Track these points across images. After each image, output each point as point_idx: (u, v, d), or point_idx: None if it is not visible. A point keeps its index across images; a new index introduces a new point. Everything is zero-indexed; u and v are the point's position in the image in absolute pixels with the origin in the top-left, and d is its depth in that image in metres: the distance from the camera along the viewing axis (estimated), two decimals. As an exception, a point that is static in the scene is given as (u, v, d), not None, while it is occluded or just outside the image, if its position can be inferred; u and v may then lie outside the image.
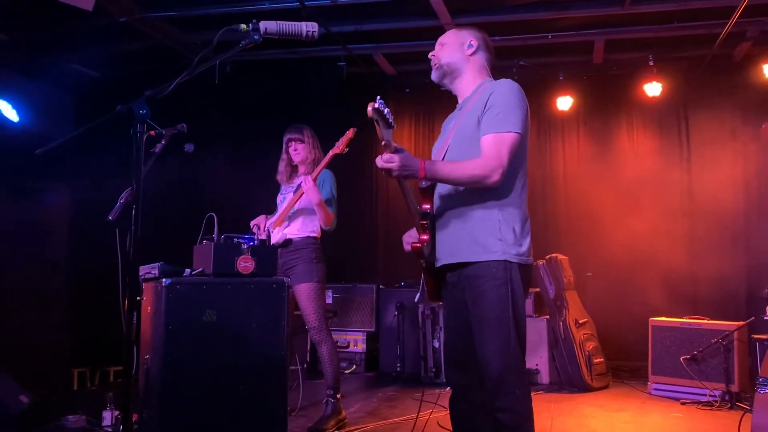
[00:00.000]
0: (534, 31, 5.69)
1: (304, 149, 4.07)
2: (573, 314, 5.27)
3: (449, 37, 2.54)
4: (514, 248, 2.30)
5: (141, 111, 2.10)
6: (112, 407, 3.81)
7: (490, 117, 2.30)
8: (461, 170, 2.27)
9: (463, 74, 2.50)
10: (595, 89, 6.51)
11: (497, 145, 2.26)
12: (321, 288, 3.92)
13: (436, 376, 5.41)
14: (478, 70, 2.51)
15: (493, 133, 2.27)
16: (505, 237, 2.30)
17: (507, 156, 2.25)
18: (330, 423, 3.83)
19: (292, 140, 4.09)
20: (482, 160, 2.26)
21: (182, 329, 2.87)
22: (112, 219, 3.13)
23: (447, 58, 2.50)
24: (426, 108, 6.94)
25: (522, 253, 2.32)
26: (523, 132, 2.31)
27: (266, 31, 2.25)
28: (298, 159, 4.10)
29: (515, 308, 2.28)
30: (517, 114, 2.30)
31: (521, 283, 2.31)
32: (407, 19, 5.46)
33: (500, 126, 2.27)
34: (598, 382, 5.14)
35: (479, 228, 2.32)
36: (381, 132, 2.18)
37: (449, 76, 2.51)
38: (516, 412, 2.25)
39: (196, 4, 5.19)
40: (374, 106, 2.12)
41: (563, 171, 6.66)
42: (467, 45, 2.50)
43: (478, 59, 2.51)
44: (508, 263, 2.28)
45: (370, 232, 7.00)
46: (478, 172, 2.23)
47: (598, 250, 6.20)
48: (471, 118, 2.37)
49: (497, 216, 2.32)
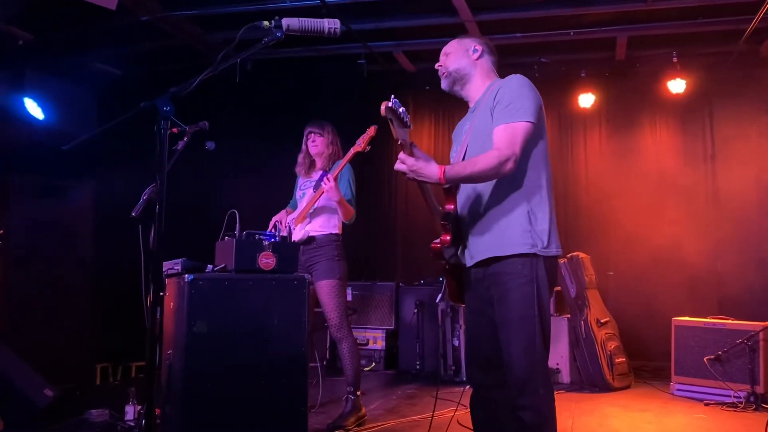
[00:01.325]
0: (556, 28, 5.64)
1: (322, 142, 4.09)
2: (594, 313, 5.22)
3: (453, 46, 2.58)
4: (541, 241, 2.30)
5: (165, 108, 2.12)
6: (135, 402, 3.86)
7: (500, 110, 2.32)
8: (476, 165, 2.27)
9: (472, 79, 2.53)
10: (617, 86, 6.44)
11: (508, 134, 2.27)
12: (342, 285, 3.92)
13: (455, 374, 5.40)
14: (486, 73, 2.54)
15: (504, 124, 2.29)
16: (532, 230, 2.30)
17: (519, 144, 2.26)
18: (350, 420, 3.83)
19: (312, 132, 4.13)
20: (495, 151, 2.27)
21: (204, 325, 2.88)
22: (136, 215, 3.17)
23: (454, 65, 2.53)
24: (446, 106, 6.93)
25: (548, 245, 2.32)
26: (536, 121, 2.31)
27: (288, 28, 2.25)
28: (314, 151, 4.12)
29: (540, 306, 2.27)
30: (527, 103, 2.30)
31: (547, 279, 2.30)
32: (428, 16, 5.45)
33: (510, 116, 2.29)
34: (619, 381, 5.09)
35: (505, 223, 2.33)
36: (396, 131, 2.18)
37: (459, 82, 2.54)
38: (539, 411, 2.24)
39: (217, 2, 5.22)
40: (388, 105, 2.12)
41: (585, 169, 6.60)
42: (472, 50, 2.54)
43: (484, 63, 2.54)
44: (534, 257, 2.28)
45: (390, 230, 7.00)
46: (492, 162, 2.24)
47: (621, 249, 6.14)
48: (485, 116, 2.39)
49: (523, 209, 2.32)
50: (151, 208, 3.14)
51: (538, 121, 2.32)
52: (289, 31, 2.26)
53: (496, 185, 2.36)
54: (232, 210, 3.26)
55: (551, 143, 6.36)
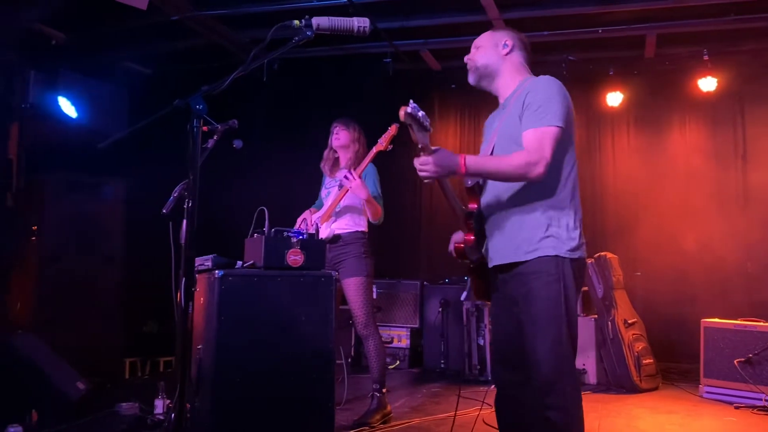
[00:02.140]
0: (583, 26, 5.59)
1: (346, 136, 4.11)
2: (622, 314, 5.17)
3: (484, 39, 2.53)
4: (567, 244, 2.28)
5: (198, 106, 2.15)
6: (164, 396, 3.92)
7: (529, 113, 2.28)
8: (504, 164, 2.26)
9: (501, 74, 2.48)
10: (646, 84, 6.36)
11: (538, 139, 2.23)
12: (369, 283, 3.94)
13: (480, 373, 5.39)
14: (516, 69, 2.49)
15: (534, 128, 2.25)
16: (557, 233, 2.28)
17: (549, 149, 2.22)
18: (375, 417, 3.85)
19: (337, 126, 4.16)
20: (524, 154, 2.23)
21: (234, 320, 2.92)
22: (166, 212, 3.22)
23: (483, 60, 2.48)
24: (472, 104, 6.90)
25: (574, 247, 2.29)
26: (565, 125, 2.27)
27: (318, 27, 2.27)
28: (337, 144, 4.14)
29: (567, 305, 2.25)
30: (556, 107, 2.27)
31: (573, 279, 2.28)
32: (455, 15, 5.45)
33: (540, 120, 2.25)
34: (647, 383, 5.03)
35: (530, 225, 2.31)
36: (416, 136, 2.17)
37: (486, 78, 2.50)
38: (566, 410, 2.22)
39: (245, 1, 5.27)
40: (407, 110, 2.10)
41: (613, 168, 6.54)
42: (502, 45, 2.48)
43: (514, 58, 2.49)
44: (560, 259, 2.26)
45: (414, 228, 7.00)
46: (521, 165, 2.21)
47: (649, 249, 6.06)
48: (513, 117, 2.35)
49: (548, 212, 2.30)
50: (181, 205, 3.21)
51: (566, 125, 2.29)
52: (319, 30, 2.28)
53: (522, 188, 2.33)
54: (261, 207, 3.30)
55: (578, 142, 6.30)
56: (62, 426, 3.72)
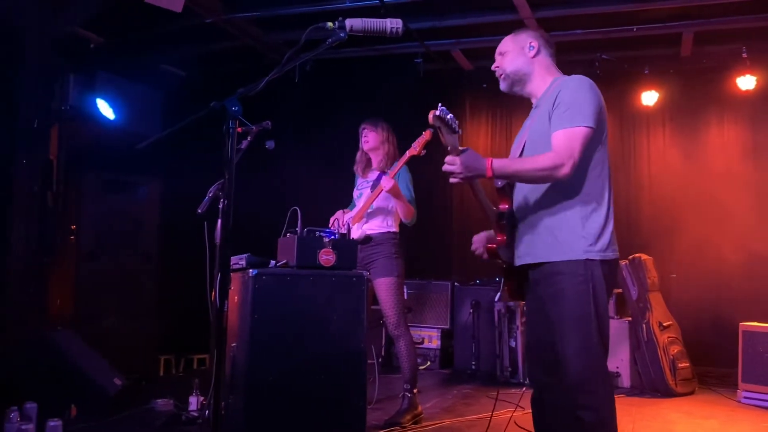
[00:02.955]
0: (618, 24, 5.52)
1: (374, 138, 4.11)
2: (657, 316, 5.09)
3: (507, 44, 2.51)
4: (597, 245, 2.25)
5: (233, 108, 2.18)
6: (198, 393, 3.98)
7: (559, 114, 2.26)
8: (530, 165, 2.25)
9: (532, 77, 2.46)
10: (682, 83, 6.24)
11: (567, 139, 2.22)
12: (400, 283, 3.95)
13: (512, 375, 5.35)
14: (545, 69, 2.47)
15: (563, 129, 2.23)
16: (588, 234, 2.26)
17: (578, 149, 2.21)
18: (406, 417, 3.85)
19: (365, 128, 4.16)
20: (552, 154, 2.22)
21: (267, 318, 2.96)
22: (201, 212, 3.27)
23: (512, 66, 2.47)
24: (503, 103, 6.86)
25: (605, 249, 2.27)
26: (596, 125, 2.25)
27: (352, 29, 2.28)
28: (366, 147, 4.14)
29: (597, 305, 2.23)
30: (587, 108, 2.25)
31: (604, 281, 2.26)
32: (486, 14, 5.42)
33: (569, 121, 2.23)
34: (682, 387, 4.94)
35: (560, 226, 2.29)
36: (444, 138, 2.19)
37: (518, 83, 2.48)
38: (598, 411, 2.21)
39: (277, 3, 5.32)
40: (435, 113, 2.12)
41: (648, 168, 6.43)
42: (528, 48, 2.46)
43: (542, 59, 2.47)
44: (589, 261, 2.24)
45: (445, 229, 6.98)
46: (547, 164, 2.20)
47: (685, 251, 5.95)
48: (544, 117, 2.34)
49: (579, 212, 2.28)
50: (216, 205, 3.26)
51: (597, 125, 2.26)
52: (352, 31, 2.29)
53: (551, 188, 2.32)
54: (294, 207, 3.33)
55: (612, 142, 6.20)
56: (100, 420, 3.80)
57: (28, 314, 4.41)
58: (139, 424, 3.86)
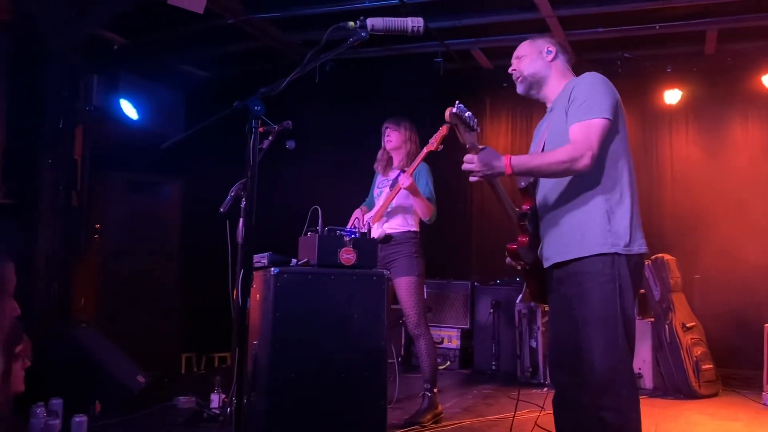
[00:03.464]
0: (640, 22, 5.45)
1: (397, 138, 4.11)
2: (680, 317, 5.03)
3: (525, 48, 2.54)
4: (623, 240, 2.25)
5: (256, 107, 2.20)
6: (219, 390, 4.01)
7: (575, 108, 2.28)
8: (549, 159, 2.25)
9: (548, 81, 2.49)
10: (706, 82, 6.16)
11: (585, 131, 2.23)
12: (420, 282, 3.95)
13: (532, 376, 5.32)
14: (561, 73, 2.50)
15: (580, 122, 2.25)
16: (613, 229, 2.25)
17: (596, 141, 2.21)
18: (427, 416, 3.85)
19: (387, 127, 4.16)
20: (570, 146, 2.23)
21: (289, 316, 2.98)
22: (224, 211, 3.31)
23: (529, 69, 2.49)
24: (523, 103, 6.77)
25: (630, 243, 2.26)
26: (613, 117, 2.26)
27: (373, 28, 2.29)
28: (389, 146, 4.14)
29: (623, 305, 2.22)
30: (602, 100, 2.26)
31: (630, 278, 2.25)
32: (507, 13, 5.38)
33: (586, 114, 2.24)
34: (706, 389, 4.88)
35: (586, 222, 2.29)
36: (462, 136, 2.20)
37: (535, 86, 2.51)
38: (622, 412, 2.19)
39: (297, 4, 5.35)
40: (452, 111, 2.13)
41: (670, 168, 6.35)
42: (545, 52, 2.50)
43: (559, 63, 2.50)
44: (616, 257, 2.23)
45: (464, 229, 6.96)
46: (566, 157, 2.20)
47: (708, 251, 5.87)
48: (561, 115, 2.35)
49: (603, 207, 2.28)
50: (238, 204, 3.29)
51: (614, 117, 2.27)
52: (373, 30, 2.30)
53: (573, 184, 2.32)
54: (315, 206, 3.34)
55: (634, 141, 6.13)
56: (124, 417, 3.85)
57: (54, 312, 4.48)
58: (162, 421, 3.91)
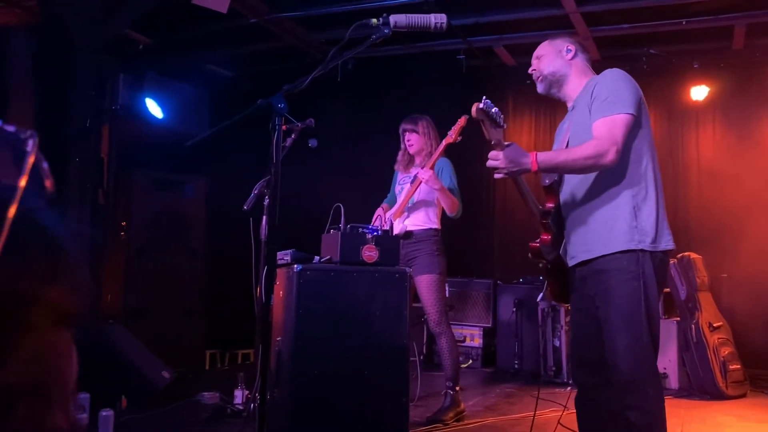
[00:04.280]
0: (665, 17, 5.38)
1: (418, 140, 4.06)
2: (706, 317, 4.95)
3: (545, 48, 2.53)
4: (649, 236, 2.23)
5: (279, 105, 2.21)
6: (243, 387, 4.04)
7: (598, 104, 2.27)
8: (575, 154, 2.24)
9: (569, 79, 2.48)
10: (734, 77, 6.05)
11: (609, 126, 2.22)
12: (442, 280, 3.94)
13: (556, 375, 5.28)
14: (582, 71, 2.49)
15: (603, 117, 2.24)
16: (639, 225, 2.24)
17: (621, 135, 2.20)
18: (449, 414, 3.84)
19: (406, 131, 4.10)
20: (595, 141, 2.22)
21: (311, 313, 2.99)
22: (247, 209, 3.33)
23: (549, 68, 2.48)
24: (547, 100, 6.64)
25: (656, 240, 2.24)
26: (636, 113, 2.25)
27: (396, 25, 2.29)
28: (413, 150, 4.10)
29: (648, 303, 2.19)
30: (625, 96, 2.25)
31: (654, 275, 2.22)
32: (531, 10, 5.35)
33: (609, 110, 2.23)
34: (733, 390, 4.80)
35: (613, 219, 2.27)
36: (488, 132, 2.18)
37: (556, 85, 2.50)
38: (647, 411, 2.17)
39: (320, 3, 5.36)
40: (479, 106, 2.12)
41: (697, 165, 6.26)
42: (565, 51, 2.49)
43: (578, 62, 2.49)
44: (641, 253, 2.21)
45: (487, 227, 6.93)
46: (591, 152, 2.20)
47: (735, 250, 5.77)
48: (583, 113, 2.35)
49: (627, 204, 2.26)
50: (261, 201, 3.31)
51: (638, 112, 2.26)
52: (396, 27, 2.30)
53: (598, 181, 2.31)
54: (337, 204, 3.35)
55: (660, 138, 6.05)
56: (149, 412, 3.90)
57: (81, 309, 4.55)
58: (187, 416, 3.95)
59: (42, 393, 0.55)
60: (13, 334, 0.52)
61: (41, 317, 0.54)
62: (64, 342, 0.58)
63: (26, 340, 0.53)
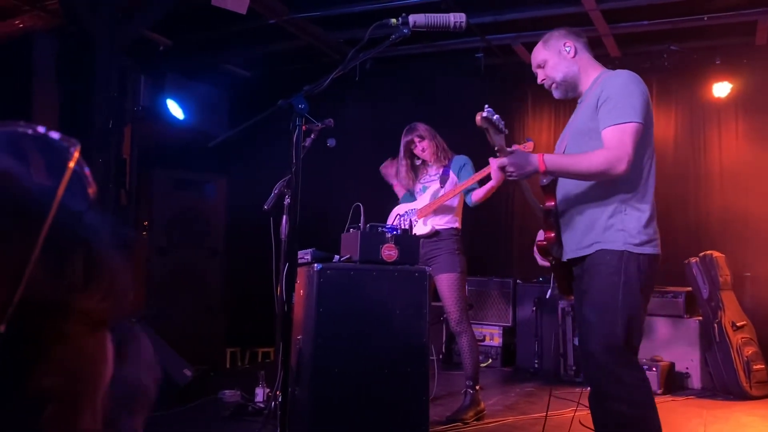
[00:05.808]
0: (686, 14, 5.32)
1: (429, 145, 4.05)
2: (729, 316, 4.90)
3: (542, 54, 2.50)
4: (635, 238, 2.25)
5: (300, 105, 2.23)
6: (264, 385, 4.07)
7: (607, 109, 2.26)
8: (586, 162, 2.25)
9: (580, 78, 2.47)
10: (757, 74, 5.95)
11: (619, 136, 2.22)
12: (462, 279, 3.93)
13: (576, 374, 5.25)
14: (588, 65, 2.47)
15: (614, 125, 2.23)
16: (626, 227, 2.26)
17: (631, 145, 2.21)
18: (469, 413, 3.84)
19: (414, 140, 4.06)
20: (606, 151, 2.22)
21: (332, 312, 3.01)
22: (267, 208, 3.36)
23: (560, 74, 2.47)
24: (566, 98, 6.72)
25: (643, 242, 2.26)
26: (644, 121, 2.25)
27: (415, 25, 2.30)
28: (427, 156, 4.07)
29: (626, 297, 2.21)
30: (634, 103, 2.24)
31: (638, 274, 2.23)
32: (549, 7, 5.32)
33: (619, 117, 2.23)
34: (757, 390, 4.74)
35: (600, 219, 2.30)
36: (492, 139, 2.24)
37: (572, 88, 2.49)
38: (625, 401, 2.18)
39: (338, 3, 5.38)
40: (483, 115, 2.19)
41: (719, 163, 6.17)
42: (565, 51, 2.47)
43: (582, 56, 2.47)
44: (626, 254, 2.23)
45: (507, 226, 6.90)
46: (603, 162, 2.21)
47: (759, 248, 5.69)
48: (586, 112, 2.35)
49: (620, 206, 2.28)
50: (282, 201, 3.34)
51: (645, 121, 2.26)
52: (415, 27, 2.31)
53: (594, 184, 2.33)
54: (357, 203, 3.37)
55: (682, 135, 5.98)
56: (171, 409, 3.94)
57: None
58: (209, 414, 4.00)
59: (72, 398, 0.55)
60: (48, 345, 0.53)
61: (77, 326, 0.55)
62: (100, 346, 0.59)
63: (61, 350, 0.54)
